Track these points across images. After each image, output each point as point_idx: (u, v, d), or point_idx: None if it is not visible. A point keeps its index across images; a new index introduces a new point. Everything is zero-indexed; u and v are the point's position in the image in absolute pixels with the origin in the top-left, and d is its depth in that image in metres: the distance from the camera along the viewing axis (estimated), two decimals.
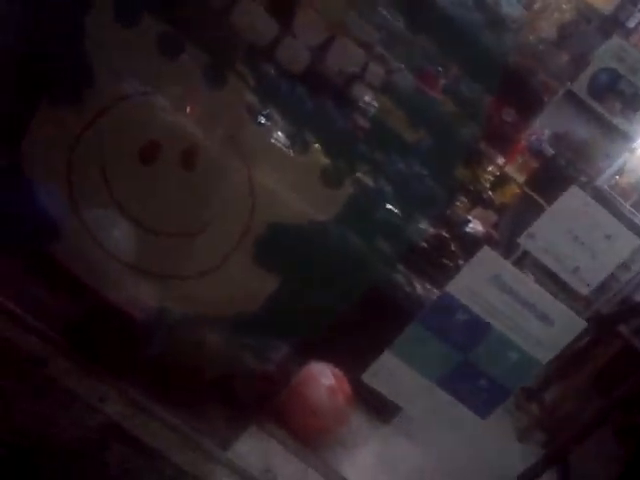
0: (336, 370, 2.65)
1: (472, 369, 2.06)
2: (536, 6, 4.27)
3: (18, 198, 2.08)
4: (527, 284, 1.98)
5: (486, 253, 1.99)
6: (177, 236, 2.09)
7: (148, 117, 1.98)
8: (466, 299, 2.00)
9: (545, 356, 2.03)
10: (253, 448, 2.40)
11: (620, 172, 5.03)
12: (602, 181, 5.00)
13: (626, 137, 4.77)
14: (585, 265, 1.95)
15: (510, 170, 3.43)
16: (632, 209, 5.15)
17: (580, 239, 1.91)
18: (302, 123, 2.50)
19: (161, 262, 2.13)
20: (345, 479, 2.56)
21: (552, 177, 4.17)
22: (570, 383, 4.38)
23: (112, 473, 2.02)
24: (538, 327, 1.99)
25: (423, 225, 2.97)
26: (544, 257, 1.94)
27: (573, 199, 1.91)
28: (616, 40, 2.73)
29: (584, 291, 1.95)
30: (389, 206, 2.76)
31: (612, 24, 4.49)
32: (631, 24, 4.74)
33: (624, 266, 5.11)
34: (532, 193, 3.56)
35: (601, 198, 4.86)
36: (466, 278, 1.99)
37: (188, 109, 2.04)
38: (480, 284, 1.98)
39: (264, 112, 2.37)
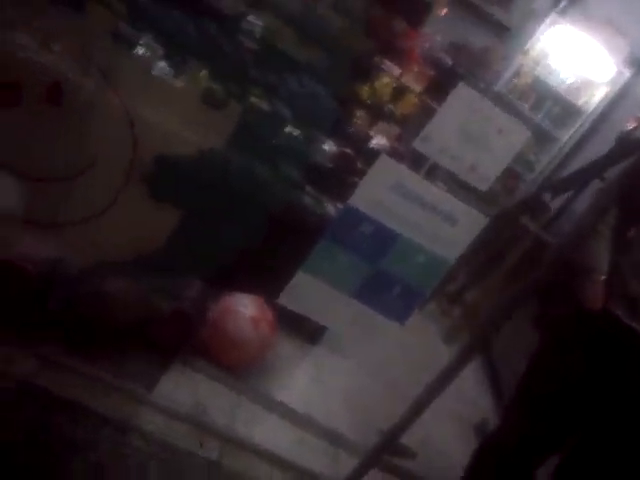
0: (257, 298, 2.64)
1: (384, 277, 2.09)
2: None
3: None
4: (428, 187, 2.00)
5: (384, 161, 1.98)
6: (58, 180, 1.97)
7: (5, 56, 1.81)
8: (369, 209, 2.00)
9: (452, 254, 2.08)
10: (179, 385, 2.38)
11: (517, 74, 5.13)
12: (500, 85, 5.09)
13: (517, 39, 4.86)
14: (481, 162, 1.97)
15: (407, 81, 3.43)
16: (532, 110, 5.31)
17: (473, 136, 1.93)
18: (185, 50, 2.39)
19: (47, 210, 2.01)
20: (278, 402, 2.60)
21: (451, 85, 4.19)
22: (488, 283, 4.57)
23: (31, 431, 1.95)
24: (442, 228, 2.03)
25: (327, 145, 2.95)
26: (441, 159, 1.95)
27: (462, 96, 1.92)
28: None
29: (483, 187, 1.98)
30: (288, 129, 2.72)
31: None
32: None
33: (528, 166, 5.32)
34: (431, 102, 3.58)
35: (502, 101, 4.98)
36: (367, 189, 1.99)
37: (49, 44, 1.88)
38: (382, 193, 1.98)
39: (141, 41, 2.24)
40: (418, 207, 2.01)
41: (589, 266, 2.24)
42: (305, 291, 2.09)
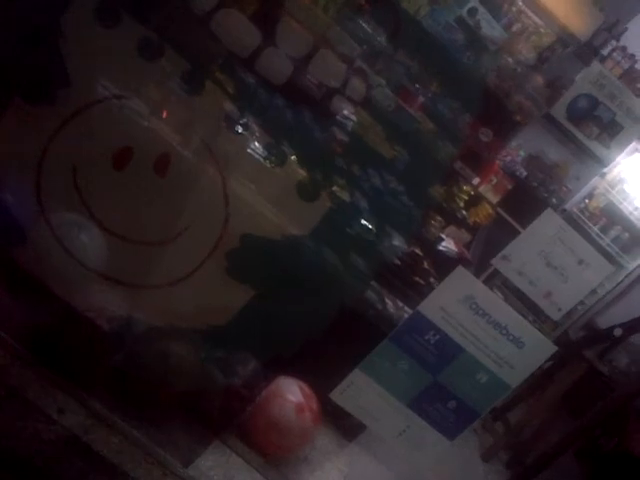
0: (304, 386, 2.61)
1: (442, 390, 2.04)
2: (514, 28, 4.33)
3: None
4: (500, 306, 1.97)
5: (460, 273, 1.97)
6: (147, 244, 2.04)
7: (122, 122, 1.93)
8: (438, 319, 1.98)
9: (515, 379, 2.02)
10: (215, 463, 2.34)
11: (590, 196, 5.11)
12: (572, 204, 5.07)
13: (597, 161, 4.84)
14: (557, 289, 1.94)
15: (484, 190, 3.45)
16: (600, 232, 5.24)
17: (553, 263, 1.91)
18: (280, 134, 2.48)
19: (130, 271, 2.07)
20: None
21: (524, 199, 4.21)
22: (535, 404, 4.40)
23: None
24: (509, 350, 1.98)
25: (397, 242, 2.96)
26: (517, 280, 1.94)
27: (548, 222, 1.91)
28: (595, 66, 2.78)
29: (556, 316, 1.95)
30: (364, 222, 2.75)
31: (588, 50, 4.58)
32: (605, 51, 4.85)
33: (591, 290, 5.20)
34: (505, 214, 3.58)
35: (571, 221, 4.94)
36: (439, 298, 1.97)
37: (164, 115, 1.99)
38: (452, 304, 1.96)
39: (241, 121, 2.34)
40: (487, 324, 1.97)
41: None
42: (359, 391, 2.05)
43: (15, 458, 1.89)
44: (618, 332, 3.02)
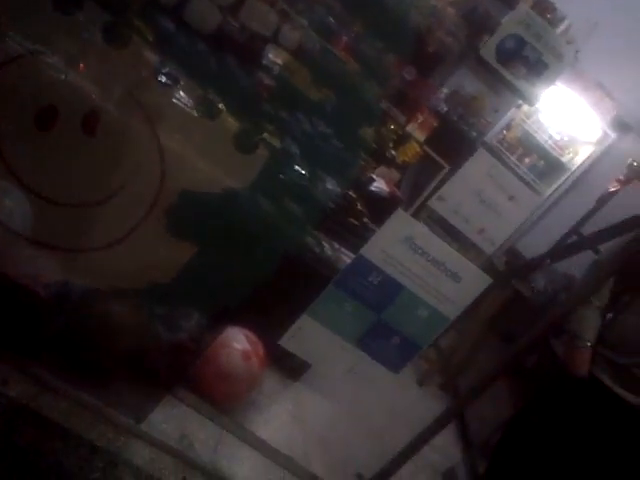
0: (250, 334, 2.64)
1: (386, 327, 2.13)
2: None
3: None
4: (437, 244, 2.05)
5: (399, 216, 2.03)
6: (81, 206, 1.96)
7: (44, 79, 1.82)
8: (379, 261, 2.04)
9: (453, 312, 2.13)
10: (167, 417, 2.36)
11: (508, 127, 5.26)
12: (491, 136, 5.22)
13: (514, 92, 4.97)
14: (490, 225, 2.04)
15: (411, 129, 3.50)
16: (517, 162, 5.45)
17: (486, 201, 1.99)
18: (207, 84, 2.41)
19: (64, 234, 2.00)
20: (261, 439, 2.60)
21: (447, 134, 4.29)
22: (464, 329, 4.64)
23: (23, 456, 1.92)
24: (447, 285, 2.08)
25: (330, 185, 2.98)
26: (453, 218, 2.02)
27: (480, 161, 1.98)
28: (522, 7, 2.84)
29: (490, 250, 2.06)
30: (297, 167, 2.75)
31: None
32: None
33: None
34: (430, 151, 3.66)
35: (491, 152, 5.10)
36: (380, 240, 2.03)
37: (87, 70, 1.88)
38: (393, 246, 2.03)
39: (165, 70, 2.26)
40: (426, 262, 2.05)
41: (578, 333, 2.32)
42: (308, 335, 2.11)
43: None
44: (547, 263, 3.19)
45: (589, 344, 2.28)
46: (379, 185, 3.23)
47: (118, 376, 2.28)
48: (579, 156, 5.40)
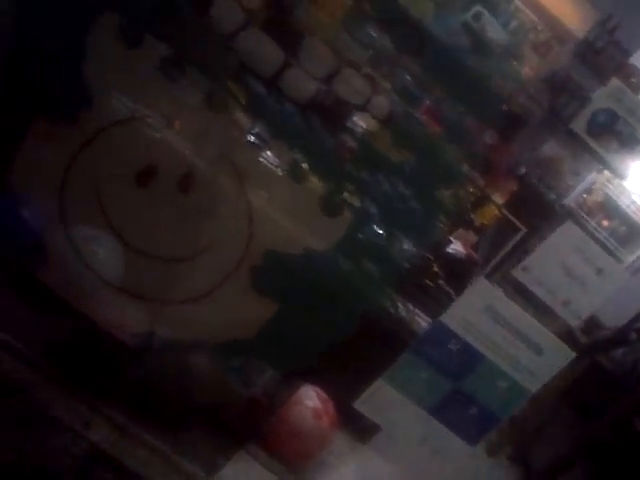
0: (321, 392, 2.64)
1: (463, 397, 2.08)
2: (511, 26, 4.35)
3: (7, 214, 2.01)
4: (519, 314, 2.01)
5: (480, 283, 2.01)
6: (171, 260, 2.05)
7: (146, 140, 1.94)
8: (459, 329, 2.01)
9: (534, 385, 2.07)
10: (237, 472, 2.37)
11: (588, 191, 5.15)
12: (571, 199, 5.12)
13: (603, 164, 4.88)
14: (576, 298, 1.99)
15: (490, 192, 3.49)
16: (597, 227, 5.30)
17: (572, 273, 1.95)
18: (294, 144, 2.49)
19: (153, 286, 2.09)
20: None
21: (525, 196, 4.24)
22: (538, 398, 4.46)
23: None
24: (528, 357, 2.03)
25: (407, 246, 2.99)
26: (537, 289, 1.97)
27: (567, 233, 1.95)
28: (614, 82, 2.83)
29: (574, 323, 1.99)
30: (376, 228, 2.78)
31: (585, 46, 4.62)
32: (598, 45, 4.88)
33: None
34: (510, 216, 3.63)
35: (570, 216, 4.99)
36: (460, 308, 2.01)
37: (183, 131, 2.00)
38: (473, 314, 2.00)
39: (255, 132, 2.35)
40: (507, 332, 2.01)
41: None
42: (382, 400, 2.09)
43: (46, 475, 1.90)
44: (633, 336, 3.08)
45: None
46: (456, 247, 3.22)
47: (193, 427, 2.31)
48: None
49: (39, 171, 1.98)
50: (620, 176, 3.92)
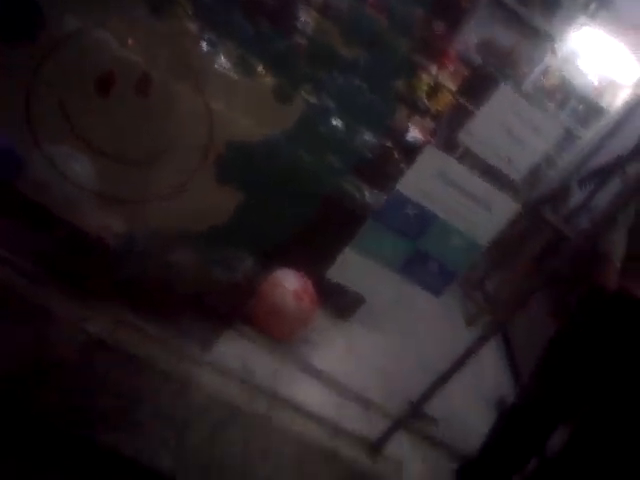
0: (300, 275, 2.88)
1: (424, 256, 2.31)
2: None
3: None
4: (468, 176, 2.21)
5: (431, 151, 2.20)
6: (140, 162, 2.21)
7: (100, 50, 2.06)
8: (414, 195, 2.22)
9: (485, 238, 2.30)
10: (229, 349, 2.62)
11: (545, 73, 5.29)
12: (528, 84, 5.27)
13: (548, 38, 5.00)
14: (516, 155, 2.19)
15: (443, 79, 3.63)
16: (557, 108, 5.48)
17: (512, 133, 2.14)
18: (244, 47, 2.60)
19: (127, 188, 2.25)
20: (318, 369, 2.84)
21: (481, 84, 4.39)
22: (508, 272, 4.79)
23: (102, 384, 2.19)
24: (478, 213, 2.25)
25: (367, 137, 3.16)
26: (481, 150, 2.17)
27: (503, 97, 2.13)
28: None
29: (517, 177, 2.20)
30: (334, 121, 2.93)
31: None
32: None
33: (550, 162, 5.50)
34: (463, 101, 3.78)
35: (530, 100, 5.15)
36: (414, 176, 2.21)
37: (135, 41, 2.12)
38: (425, 179, 2.20)
39: (206, 38, 2.47)
40: (457, 193, 2.22)
41: (607, 252, 2.44)
42: (352, 267, 2.32)
43: (47, 364, 2.11)
44: (575, 186, 3.29)
45: (618, 263, 2.38)
46: (414, 135, 3.39)
47: (182, 315, 2.54)
48: (618, 99, 5.39)
49: (4, 93, 2.10)
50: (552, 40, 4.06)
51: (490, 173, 2.32)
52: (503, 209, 2.24)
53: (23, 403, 1.90)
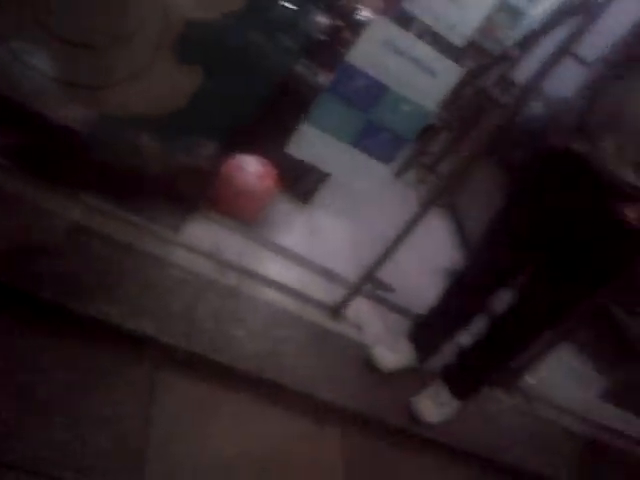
0: (261, 159, 2.99)
1: (376, 125, 2.43)
2: None
3: None
4: (414, 43, 2.30)
5: (378, 21, 2.27)
6: (102, 46, 2.22)
7: None
8: (364, 65, 2.31)
9: (432, 103, 2.42)
10: (198, 231, 2.76)
11: None
12: None
13: None
14: (459, 21, 2.28)
15: None
16: None
17: None
18: None
19: (90, 74, 2.28)
20: (281, 246, 3.01)
21: None
22: (460, 154, 4.96)
23: (87, 264, 2.31)
24: (425, 80, 2.35)
25: (318, 17, 3.18)
26: (426, 18, 2.25)
27: None
28: None
29: (460, 43, 2.30)
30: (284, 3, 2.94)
31: None
32: None
33: (497, 42, 5.56)
34: None
35: None
36: (362, 46, 2.29)
37: None
38: (374, 49, 2.29)
39: None
40: (405, 61, 2.32)
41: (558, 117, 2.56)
42: (309, 141, 2.43)
43: (36, 248, 2.22)
44: (513, 51, 3.38)
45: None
46: (364, 14, 3.42)
47: (151, 199, 2.65)
48: None
49: None
50: None
51: (436, 42, 2.42)
52: (448, 74, 2.35)
53: (12, 279, 2.00)
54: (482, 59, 5.06)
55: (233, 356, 2.29)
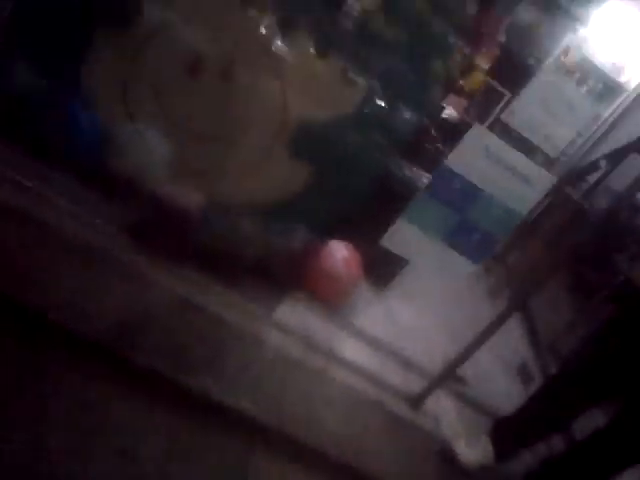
0: (348, 246, 3.14)
1: (468, 226, 2.56)
2: None
3: (79, 118, 2.40)
4: (509, 152, 2.44)
5: (477, 129, 2.43)
6: (222, 140, 2.45)
7: (191, 39, 2.30)
8: (461, 169, 2.46)
9: (524, 208, 2.54)
10: (289, 311, 2.89)
11: (565, 52, 5.45)
12: (549, 62, 5.42)
13: (569, 17, 5.15)
14: (554, 133, 2.42)
15: (476, 59, 3.82)
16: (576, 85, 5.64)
17: (550, 110, 2.37)
18: (297, 30, 2.82)
19: (209, 163, 2.50)
20: (359, 329, 3.11)
21: (506, 62, 4.57)
22: (528, 247, 5.02)
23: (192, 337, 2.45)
24: (519, 186, 2.48)
25: (407, 116, 3.38)
26: (523, 129, 2.40)
27: (542, 79, 2.35)
28: None
29: (554, 154, 2.43)
30: (378, 101, 3.15)
31: None
32: None
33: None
34: (493, 81, 3.97)
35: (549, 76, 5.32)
36: (460, 151, 2.44)
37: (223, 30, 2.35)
38: (471, 155, 2.44)
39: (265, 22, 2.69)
40: (500, 168, 2.46)
41: None
42: (403, 235, 2.56)
43: (149, 318, 2.37)
44: (603, 163, 3.49)
45: None
46: (450, 112, 3.60)
47: (249, 279, 2.81)
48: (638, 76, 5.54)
49: (105, 76, 2.34)
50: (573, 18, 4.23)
51: (527, 150, 2.56)
52: (542, 182, 2.48)
53: (130, 349, 2.16)
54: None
55: (323, 439, 2.36)
